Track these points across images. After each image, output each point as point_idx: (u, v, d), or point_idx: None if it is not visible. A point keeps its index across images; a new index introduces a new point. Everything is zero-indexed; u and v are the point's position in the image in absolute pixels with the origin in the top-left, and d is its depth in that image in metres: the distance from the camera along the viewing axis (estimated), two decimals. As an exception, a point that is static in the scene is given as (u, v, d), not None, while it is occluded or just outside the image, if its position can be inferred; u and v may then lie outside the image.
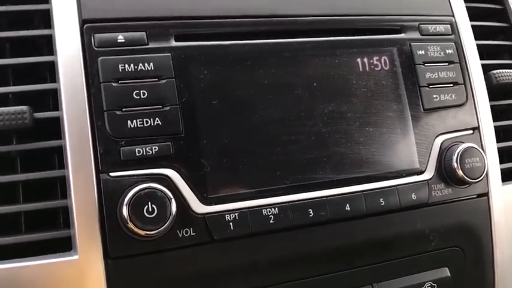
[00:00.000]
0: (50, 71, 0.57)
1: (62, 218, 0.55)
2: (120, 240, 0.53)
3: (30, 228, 0.55)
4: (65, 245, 0.54)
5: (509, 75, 0.76)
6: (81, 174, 0.53)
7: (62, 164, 0.55)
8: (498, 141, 0.73)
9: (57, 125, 0.55)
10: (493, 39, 0.81)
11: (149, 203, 0.52)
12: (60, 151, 0.55)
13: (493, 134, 0.72)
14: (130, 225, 0.51)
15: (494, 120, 0.73)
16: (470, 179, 0.65)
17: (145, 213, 0.52)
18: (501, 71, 0.76)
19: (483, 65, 0.74)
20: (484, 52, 0.77)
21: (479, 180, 0.66)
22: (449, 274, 0.67)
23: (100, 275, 0.52)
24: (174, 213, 0.53)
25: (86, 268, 0.52)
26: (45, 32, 0.57)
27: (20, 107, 0.53)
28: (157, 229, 0.52)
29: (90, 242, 0.53)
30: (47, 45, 0.58)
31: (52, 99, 0.58)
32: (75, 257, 0.52)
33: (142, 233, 0.52)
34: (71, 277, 0.52)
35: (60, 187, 0.56)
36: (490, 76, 0.75)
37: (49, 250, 0.53)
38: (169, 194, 0.53)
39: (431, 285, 0.66)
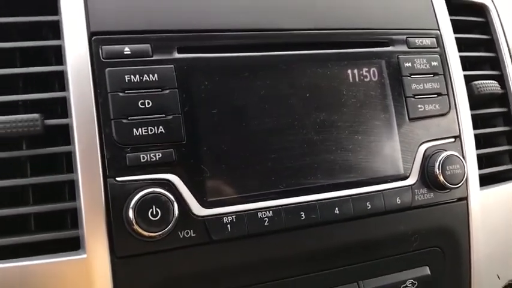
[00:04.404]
0: (58, 80, 0.60)
1: (70, 219, 0.59)
2: (126, 240, 0.56)
3: (38, 229, 0.58)
4: (72, 245, 0.57)
5: (490, 86, 0.81)
6: (89, 178, 0.57)
7: (69, 168, 0.59)
8: (478, 148, 0.78)
9: (65, 131, 0.59)
10: (475, 51, 0.85)
11: (153, 207, 0.55)
12: (68, 156, 0.59)
13: (473, 142, 0.76)
14: (136, 227, 0.55)
15: (474, 128, 0.77)
16: (451, 184, 0.70)
17: (150, 216, 0.55)
18: (482, 81, 0.80)
19: (465, 76, 0.79)
20: (466, 63, 0.82)
21: (459, 186, 0.71)
22: (429, 273, 0.72)
23: (107, 273, 0.56)
24: (176, 216, 0.56)
25: (94, 266, 0.56)
26: (55, 42, 0.60)
27: (32, 115, 0.57)
28: (161, 231, 0.56)
29: (97, 242, 0.56)
30: (55, 55, 0.61)
31: (60, 107, 0.61)
32: (84, 255, 0.56)
33: (147, 234, 0.55)
34: (80, 275, 0.56)
35: (67, 190, 0.60)
36: (472, 86, 0.79)
37: (56, 250, 0.57)
38: (172, 198, 0.57)
39: (412, 283, 0.70)
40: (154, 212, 0.55)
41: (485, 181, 0.78)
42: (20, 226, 0.58)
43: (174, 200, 0.57)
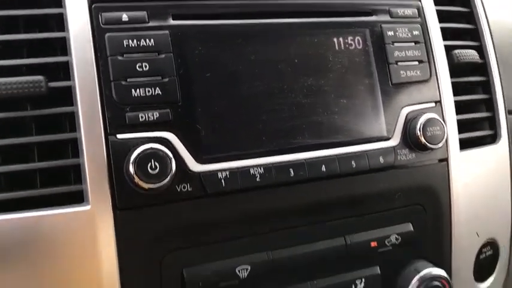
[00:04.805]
0: (60, 47, 0.64)
1: (74, 176, 0.63)
2: (127, 193, 0.60)
3: (43, 186, 0.62)
4: (76, 200, 0.61)
5: (469, 55, 0.85)
6: (91, 136, 0.60)
7: (72, 128, 0.62)
8: (458, 113, 0.82)
9: (67, 94, 0.62)
10: (456, 23, 0.89)
11: (152, 161, 0.59)
12: (70, 118, 0.62)
13: (453, 107, 0.81)
14: (136, 179, 0.59)
15: (454, 95, 0.82)
16: (431, 144, 0.74)
17: (149, 170, 0.59)
18: (461, 50, 0.84)
19: (446, 46, 0.83)
20: (447, 34, 0.86)
21: (439, 147, 0.75)
22: (412, 228, 0.76)
23: (109, 224, 0.60)
24: (173, 170, 0.60)
25: (97, 217, 0.60)
26: (57, 11, 0.64)
27: (37, 77, 0.60)
28: (160, 183, 0.59)
29: (100, 195, 0.60)
30: (57, 23, 0.65)
31: (62, 72, 0.64)
32: (87, 207, 0.60)
33: (146, 186, 0.59)
34: (84, 225, 0.59)
35: (71, 149, 0.63)
36: (452, 55, 0.83)
37: (61, 205, 0.60)
38: (169, 153, 0.61)
39: (396, 238, 0.75)
40: (153, 166, 0.59)
41: (465, 145, 0.83)
42: (27, 184, 0.62)
43: (171, 156, 0.61)
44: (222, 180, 0.64)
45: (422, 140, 0.74)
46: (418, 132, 0.74)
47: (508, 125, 0.89)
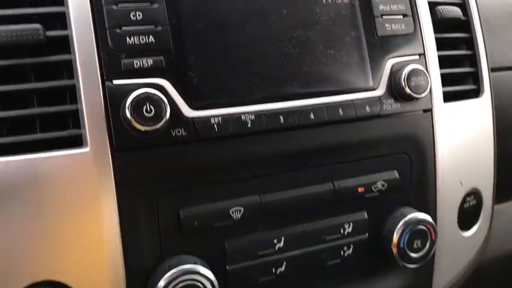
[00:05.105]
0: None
1: (72, 121, 0.65)
2: (124, 136, 0.63)
3: (43, 131, 0.64)
4: (75, 145, 0.63)
5: (451, 11, 0.88)
6: (89, 82, 0.63)
7: (70, 76, 0.65)
8: (442, 68, 0.85)
9: (64, 44, 0.64)
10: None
11: (147, 104, 0.62)
12: (68, 65, 0.65)
13: (436, 60, 0.84)
14: (133, 122, 0.61)
15: (439, 51, 0.85)
16: (415, 94, 0.77)
17: (145, 113, 0.62)
18: (445, 7, 0.87)
19: (430, 2, 0.86)
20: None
21: (423, 96, 0.78)
22: (397, 176, 0.80)
23: (108, 165, 0.63)
24: (168, 113, 0.63)
25: (96, 159, 0.62)
26: None
27: (34, 25, 0.62)
28: (155, 125, 0.62)
29: (99, 138, 0.63)
30: None
31: (59, 23, 0.66)
32: (87, 149, 0.62)
33: (143, 129, 0.62)
34: (83, 166, 0.62)
35: (68, 96, 0.66)
36: (436, 11, 0.86)
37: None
38: (164, 98, 0.63)
39: (382, 184, 0.78)
40: (148, 109, 0.62)
41: (448, 98, 0.86)
42: (27, 131, 0.64)
43: (165, 100, 0.63)
44: (215, 126, 0.67)
45: (407, 90, 0.77)
46: (403, 82, 0.77)
47: (490, 81, 0.93)
